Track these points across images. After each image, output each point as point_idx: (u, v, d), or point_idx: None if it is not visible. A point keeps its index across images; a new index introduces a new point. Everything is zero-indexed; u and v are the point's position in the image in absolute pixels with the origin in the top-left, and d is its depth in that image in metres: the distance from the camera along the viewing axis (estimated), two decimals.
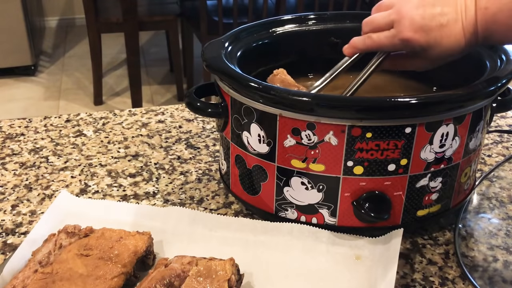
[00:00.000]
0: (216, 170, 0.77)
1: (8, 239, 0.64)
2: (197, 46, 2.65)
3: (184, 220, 0.64)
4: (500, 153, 0.82)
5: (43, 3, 3.77)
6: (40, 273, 0.53)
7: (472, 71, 0.64)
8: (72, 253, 0.56)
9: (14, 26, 2.92)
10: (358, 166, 0.57)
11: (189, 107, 0.65)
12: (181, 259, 0.55)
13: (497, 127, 0.90)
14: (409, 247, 0.64)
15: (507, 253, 0.62)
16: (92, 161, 0.79)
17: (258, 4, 2.56)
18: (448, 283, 0.58)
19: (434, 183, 0.61)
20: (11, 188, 0.73)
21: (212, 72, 0.63)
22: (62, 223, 0.62)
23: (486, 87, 0.58)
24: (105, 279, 0.53)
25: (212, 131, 0.88)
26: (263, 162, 0.61)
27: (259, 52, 0.72)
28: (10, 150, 0.82)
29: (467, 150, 0.61)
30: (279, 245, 0.61)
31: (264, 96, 0.57)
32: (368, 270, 0.58)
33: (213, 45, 0.67)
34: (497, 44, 0.65)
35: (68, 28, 3.81)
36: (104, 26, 2.56)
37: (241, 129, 0.62)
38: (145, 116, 0.92)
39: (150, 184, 0.74)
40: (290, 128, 0.58)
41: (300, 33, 0.76)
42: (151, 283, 0.52)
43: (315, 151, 0.58)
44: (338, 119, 0.55)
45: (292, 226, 0.62)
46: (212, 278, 0.53)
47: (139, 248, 0.57)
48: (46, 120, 0.91)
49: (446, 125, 0.57)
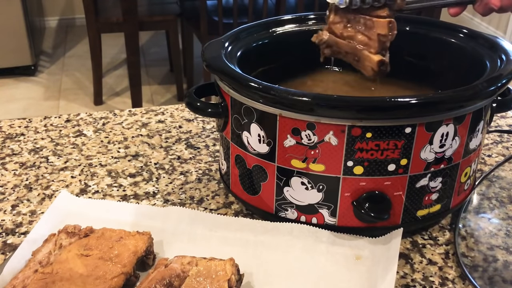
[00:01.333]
0: (216, 170, 0.77)
1: (8, 239, 0.64)
2: (197, 46, 2.64)
3: (184, 220, 0.64)
4: (500, 153, 0.82)
5: (43, 3, 3.77)
6: (40, 273, 0.53)
7: (472, 71, 0.64)
8: (72, 253, 0.56)
9: (14, 26, 2.92)
10: (358, 166, 0.57)
11: (189, 107, 0.65)
12: (181, 259, 0.55)
13: (497, 127, 0.90)
14: (409, 247, 0.64)
15: (507, 253, 0.62)
16: (92, 161, 0.79)
17: (258, 4, 2.56)
18: (448, 283, 0.58)
19: (434, 183, 0.61)
20: (11, 188, 0.73)
21: (212, 72, 0.63)
22: (62, 223, 0.62)
23: (486, 87, 0.58)
24: (105, 279, 0.53)
25: (212, 131, 0.88)
26: (263, 162, 0.61)
27: (259, 52, 0.72)
28: (10, 150, 0.82)
29: (467, 150, 0.61)
30: (279, 245, 0.61)
31: (264, 96, 0.57)
32: (368, 270, 0.58)
33: (213, 45, 0.67)
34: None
35: (68, 28, 3.81)
36: (104, 26, 2.56)
37: (241, 129, 0.62)
38: (145, 116, 0.92)
39: (150, 184, 0.74)
40: (290, 128, 0.58)
41: (300, 33, 0.76)
42: (151, 283, 0.52)
43: (315, 151, 0.58)
44: (338, 119, 0.55)
45: (292, 226, 0.62)
46: (212, 278, 0.53)
47: (139, 248, 0.57)
48: (46, 120, 0.91)
49: (446, 125, 0.57)
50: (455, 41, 0.71)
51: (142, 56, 3.17)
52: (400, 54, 0.75)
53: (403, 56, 0.75)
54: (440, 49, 0.73)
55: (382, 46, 0.63)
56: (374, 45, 0.63)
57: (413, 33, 0.75)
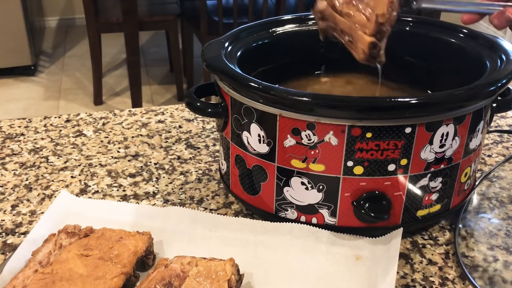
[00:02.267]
0: (216, 170, 0.77)
1: (8, 239, 0.64)
2: (197, 46, 2.65)
3: (184, 220, 0.64)
4: (500, 153, 0.82)
5: (43, 3, 3.77)
6: (40, 273, 0.53)
7: (472, 71, 0.64)
8: (72, 253, 0.56)
9: (14, 26, 2.92)
10: (358, 166, 0.57)
11: (189, 107, 0.65)
12: (181, 259, 0.55)
13: (497, 127, 0.90)
14: (409, 247, 0.64)
15: (507, 253, 0.62)
16: (92, 161, 0.79)
17: (258, 4, 2.56)
18: (448, 283, 0.58)
19: (434, 183, 0.61)
20: (11, 188, 0.73)
21: (212, 72, 0.63)
22: (62, 223, 0.62)
23: (486, 87, 0.58)
24: (105, 279, 0.53)
25: (212, 131, 0.87)
26: (263, 162, 0.61)
27: (259, 52, 0.72)
28: (10, 150, 0.82)
29: (467, 150, 0.61)
30: (279, 245, 0.61)
31: (264, 96, 0.57)
32: (368, 270, 0.58)
33: (213, 45, 0.67)
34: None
35: (68, 28, 3.81)
36: (104, 26, 2.56)
37: (241, 129, 0.62)
38: (145, 116, 0.92)
39: (150, 184, 0.74)
40: (290, 128, 0.58)
41: (300, 33, 0.76)
42: (151, 284, 0.52)
43: (315, 151, 0.58)
44: (338, 119, 0.55)
45: (292, 226, 0.62)
46: (212, 278, 0.53)
47: (139, 248, 0.57)
48: (46, 120, 0.91)
49: (446, 125, 0.57)
50: (455, 41, 0.71)
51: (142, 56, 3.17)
52: (400, 54, 0.75)
53: (403, 56, 0.75)
54: (440, 49, 0.73)
55: (378, 29, 0.59)
56: (370, 26, 0.59)
57: (413, 33, 0.75)
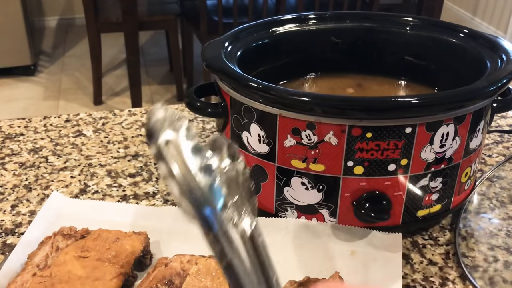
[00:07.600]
0: None
1: (7, 239, 0.64)
2: (197, 46, 2.64)
3: (179, 219, 0.64)
4: (501, 153, 0.82)
5: (42, 3, 3.77)
6: (39, 277, 0.53)
7: (472, 71, 0.64)
8: (69, 255, 0.55)
9: (13, 26, 2.92)
10: (358, 166, 0.57)
11: (189, 107, 0.65)
12: (180, 258, 0.55)
13: (497, 127, 0.90)
14: (409, 247, 0.63)
15: (508, 253, 0.62)
16: (91, 161, 0.79)
17: (258, 4, 2.56)
18: (448, 283, 0.58)
19: (434, 183, 0.61)
20: (10, 188, 0.73)
21: (212, 72, 0.63)
22: (55, 225, 0.61)
23: (486, 87, 0.58)
24: (104, 280, 0.53)
25: (212, 131, 0.87)
26: (263, 162, 0.61)
27: (259, 52, 0.72)
28: (9, 150, 0.82)
29: (467, 150, 0.61)
30: (275, 241, 0.61)
31: (264, 96, 0.57)
32: (363, 264, 0.58)
33: (213, 45, 0.67)
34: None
35: (67, 28, 3.81)
36: (104, 26, 2.56)
37: (241, 129, 0.62)
38: (145, 116, 0.92)
39: (150, 184, 0.74)
40: (290, 128, 0.57)
41: (300, 33, 0.76)
42: (153, 283, 0.52)
43: (315, 151, 0.58)
44: (338, 119, 0.55)
45: (287, 221, 0.62)
46: (212, 275, 0.53)
47: (136, 248, 0.56)
48: (45, 120, 0.91)
49: (447, 125, 0.57)
50: (455, 41, 0.71)
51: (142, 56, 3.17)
52: (400, 54, 0.75)
53: (403, 56, 0.75)
54: (440, 49, 0.73)
55: None
56: None
57: (413, 33, 0.74)
